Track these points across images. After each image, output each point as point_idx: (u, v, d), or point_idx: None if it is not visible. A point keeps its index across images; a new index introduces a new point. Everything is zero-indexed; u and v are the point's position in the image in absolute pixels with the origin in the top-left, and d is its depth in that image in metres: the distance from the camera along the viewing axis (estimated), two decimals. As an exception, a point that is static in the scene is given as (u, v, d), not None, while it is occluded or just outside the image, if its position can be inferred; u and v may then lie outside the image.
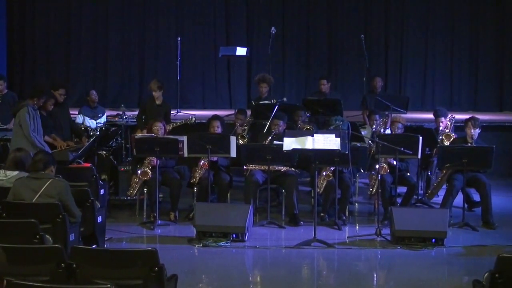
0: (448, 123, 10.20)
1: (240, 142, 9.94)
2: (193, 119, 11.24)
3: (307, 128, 9.98)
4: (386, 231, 8.53)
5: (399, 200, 9.61)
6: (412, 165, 10.00)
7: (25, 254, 5.18)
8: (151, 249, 5.15)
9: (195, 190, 9.49)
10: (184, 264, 7.53)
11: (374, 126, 10.38)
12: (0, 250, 3.21)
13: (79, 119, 11.26)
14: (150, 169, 9.32)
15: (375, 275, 7.71)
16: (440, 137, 9.92)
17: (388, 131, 10.31)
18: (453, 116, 10.47)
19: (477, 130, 9.33)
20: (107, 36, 15.72)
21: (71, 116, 10.98)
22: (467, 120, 9.44)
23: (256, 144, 9.75)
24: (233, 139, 9.11)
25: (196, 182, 9.42)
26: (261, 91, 11.32)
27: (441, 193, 9.87)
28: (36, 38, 15.75)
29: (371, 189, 9.50)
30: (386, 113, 11.20)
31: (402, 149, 8.79)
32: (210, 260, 7.82)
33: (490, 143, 9.63)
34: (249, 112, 11.20)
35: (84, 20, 15.70)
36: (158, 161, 9.16)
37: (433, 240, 8.21)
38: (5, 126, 10.98)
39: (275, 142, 9.31)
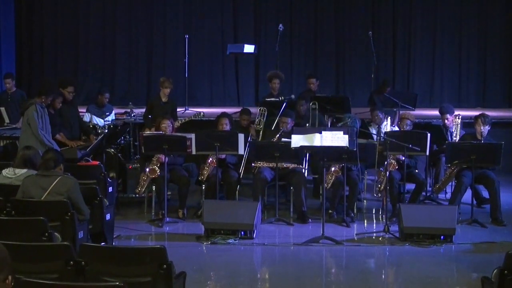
0: (458, 120, 10.11)
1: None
2: (202, 114, 11.24)
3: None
4: (394, 228, 8.53)
5: (407, 197, 9.60)
6: (420, 161, 9.98)
7: (34, 251, 5.19)
8: (160, 247, 5.16)
9: (203, 188, 9.50)
10: (193, 261, 7.53)
11: (384, 125, 10.34)
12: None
13: (87, 117, 11.28)
14: (158, 167, 9.33)
15: (383, 272, 7.72)
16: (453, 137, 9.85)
17: (396, 128, 10.31)
18: (459, 115, 10.37)
19: (487, 127, 9.31)
20: (115, 34, 15.76)
21: (80, 114, 11.01)
22: (477, 117, 9.42)
23: (264, 142, 9.76)
24: (241, 137, 9.11)
25: (204, 179, 9.43)
26: (274, 88, 11.29)
27: (449, 189, 9.87)
28: (44, 36, 15.80)
29: (379, 186, 9.50)
30: (395, 109, 11.18)
31: (410, 145, 8.78)
32: (218, 257, 7.82)
33: (498, 139, 9.60)
34: (254, 110, 11.19)
35: (92, 18, 15.74)
36: (166, 159, 9.17)
37: (442, 237, 8.19)
38: (15, 125, 11.01)
39: (283, 139, 9.31)
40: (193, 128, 10.49)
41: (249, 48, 13.93)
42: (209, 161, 9.41)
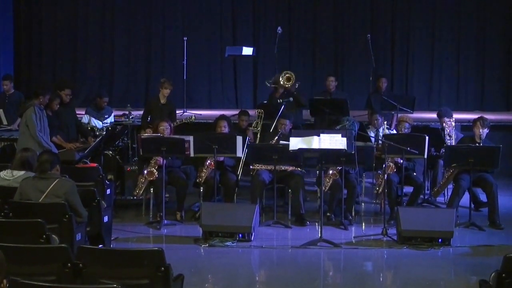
0: (453, 123, 10.10)
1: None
2: (193, 117, 11.24)
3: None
4: (392, 231, 8.52)
5: (405, 199, 9.59)
6: (418, 164, 9.98)
7: (32, 254, 5.19)
8: (158, 249, 5.16)
9: (201, 190, 9.49)
10: (191, 264, 7.53)
11: (382, 128, 10.35)
12: None
13: (85, 119, 11.27)
14: (156, 169, 9.32)
15: (381, 275, 7.72)
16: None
17: (393, 131, 10.31)
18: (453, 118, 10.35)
19: (486, 130, 9.31)
20: (114, 36, 15.75)
21: (78, 116, 11.00)
22: (475, 120, 9.41)
23: (263, 144, 9.76)
24: (239, 139, 9.11)
25: (202, 181, 9.42)
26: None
27: (448, 192, 9.86)
28: (43, 37, 15.79)
29: (377, 189, 9.49)
30: (393, 112, 11.19)
31: (408, 148, 8.78)
32: (216, 260, 7.82)
33: (496, 142, 9.61)
34: (252, 112, 11.19)
35: (91, 20, 15.74)
36: (164, 161, 9.16)
37: (440, 240, 8.19)
38: (10, 127, 11.01)
39: (281, 142, 9.30)
40: (191, 130, 10.48)
41: (247, 51, 13.94)
42: (207, 163, 9.40)
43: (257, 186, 9.33)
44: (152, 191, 9.47)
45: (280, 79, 10.67)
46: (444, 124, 10.16)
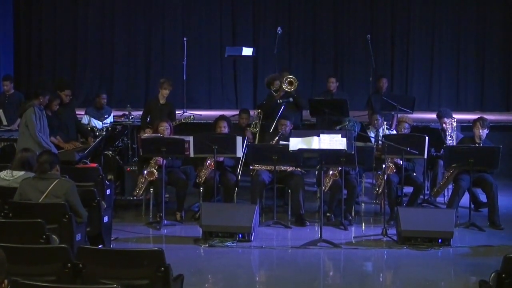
0: (454, 123, 10.10)
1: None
2: (192, 117, 11.26)
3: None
4: (392, 231, 8.52)
5: (405, 200, 9.59)
6: (418, 165, 9.98)
7: (32, 254, 5.19)
8: (157, 249, 5.16)
9: (201, 190, 9.49)
10: (190, 264, 7.53)
11: (381, 128, 10.35)
12: None
13: (85, 119, 11.28)
14: (156, 169, 9.33)
15: (381, 275, 7.72)
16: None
17: (393, 132, 10.31)
18: (454, 118, 10.36)
19: (485, 131, 9.30)
20: (114, 36, 15.74)
21: (77, 116, 11.01)
22: (475, 120, 9.41)
23: (263, 144, 9.77)
24: (239, 139, 9.11)
25: (202, 182, 9.42)
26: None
27: (448, 192, 9.86)
28: (43, 38, 15.78)
29: (377, 189, 9.49)
30: (393, 113, 11.18)
31: (408, 149, 8.78)
32: (216, 260, 7.82)
33: (496, 143, 9.60)
34: (251, 112, 11.21)
35: (91, 20, 15.73)
36: (164, 161, 9.17)
37: (440, 240, 8.19)
38: (10, 127, 11.01)
39: (281, 142, 9.30)
40: (191, 130, 10.48)
41: (247, 51, 13.94)
42: (207, 163, 9.40)
43: (257, 186, 9.33)
44: (152, 191, 9.47)
45: (283, 85, 10.66)
46: (444, 125, 10.16)
